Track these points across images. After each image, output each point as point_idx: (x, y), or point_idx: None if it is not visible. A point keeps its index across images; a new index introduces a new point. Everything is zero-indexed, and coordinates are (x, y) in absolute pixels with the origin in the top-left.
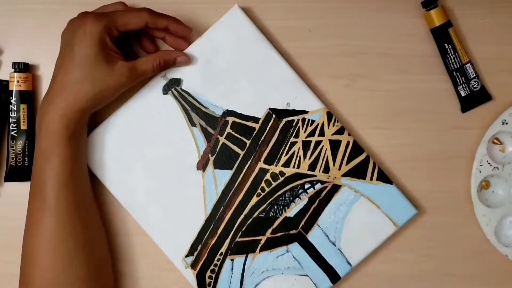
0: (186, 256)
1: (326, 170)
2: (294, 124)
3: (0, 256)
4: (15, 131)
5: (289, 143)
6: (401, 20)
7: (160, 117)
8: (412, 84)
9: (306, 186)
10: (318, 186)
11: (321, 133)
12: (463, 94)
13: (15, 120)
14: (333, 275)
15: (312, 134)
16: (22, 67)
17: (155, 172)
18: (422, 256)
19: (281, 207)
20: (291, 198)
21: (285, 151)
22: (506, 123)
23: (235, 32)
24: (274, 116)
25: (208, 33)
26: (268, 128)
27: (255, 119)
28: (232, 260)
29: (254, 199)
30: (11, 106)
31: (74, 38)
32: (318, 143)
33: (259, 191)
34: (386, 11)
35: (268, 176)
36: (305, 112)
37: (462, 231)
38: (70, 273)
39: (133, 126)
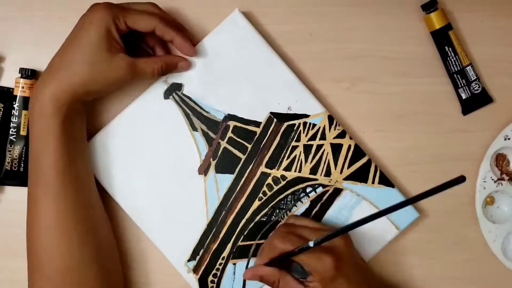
0: (188, 260)
1: (328, 173)
2: (295, 128)
3: (2, 262)
4: (14, 136)
5: (290, 147)
6: (401, 23)
7: (162, 122)
8: (413, 87)
9: (308, 190)
10: (319, 190)
11: (323, 137)
12: (464, 97)
13: (16, 125)
14: None
15: (313, 138)
16: (29, 74)
17: (156, 176)
18: (424, 259)
19: (283, 211)
20: (292, 202)
21: (286, 155)
22: (509, 139)
23: (236, 36)
24: (275, 120)
25: (209, 37)
26: (269, 132)
27: (257, 123)
28: (234, 264)
29: (256, 203)
30: (13, 111)
31: (83, 23)
32: (319, 146)
33: (260, 195)
34: (386, 14)
35: (269, 180)
36: (306, 116)
37: (464, 234)
38: (77, 259)
39: (134, 131)
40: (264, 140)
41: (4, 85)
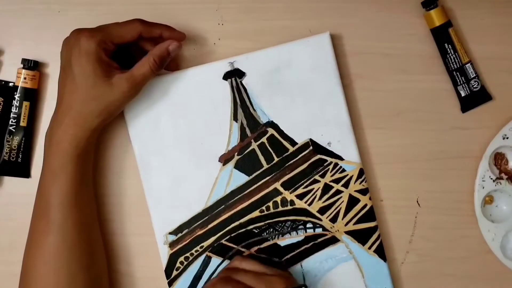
0: (170, 233)
1: (334, 220)
2: (325, 164)
3: (1, 256)
4: (14, 126)
5: (312, 178)
6: (401, 20)
7: (209, 98)
8: (412, 84)
9: (308, 225)
10: (318, 231)
11: (346, 185)
12: (463, 94)
13: (16, 116)
14: None
15: (337, 181)
16: (31, 65)
17: (180, 145)
18: (421, 256)
19: (277, 232)
20: (289, 229)
21: (305, 184)
22: (507, 138)
23: (315, 56)
24: (311, 147)
25: (290, 44)
26: (300, 156)
27: (293, 142)
28: (209, 257)
29: (256, 213)
30: (13, 101)
31: (71, 57)
32: (338, 192)
33: (263, 208)
34: (386, 11)
35: (278, 199)
36: (341, 158)
37: (461, 231)
38: None
39: (182, 94)
40: (292, 161)
41: (3, 79)
